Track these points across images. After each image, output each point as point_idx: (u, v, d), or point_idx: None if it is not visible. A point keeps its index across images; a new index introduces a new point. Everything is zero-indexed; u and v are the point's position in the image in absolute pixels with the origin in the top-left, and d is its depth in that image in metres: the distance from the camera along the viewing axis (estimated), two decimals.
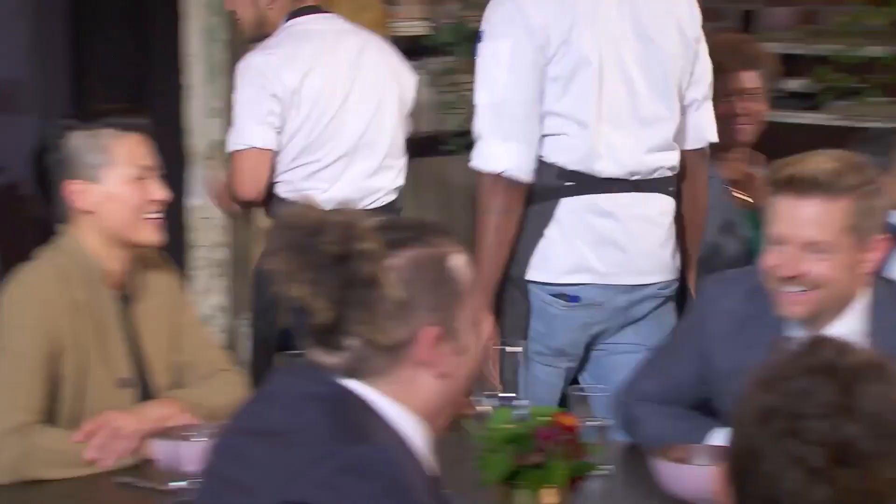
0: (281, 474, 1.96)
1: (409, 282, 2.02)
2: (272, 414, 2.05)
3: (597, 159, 3.48)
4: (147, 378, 3.20)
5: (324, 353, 2.03)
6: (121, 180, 3.14)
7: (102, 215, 3.14)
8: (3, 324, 3.08)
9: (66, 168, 3.14)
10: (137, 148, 3.16)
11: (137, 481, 2.91)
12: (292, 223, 2.02)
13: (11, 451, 2.94)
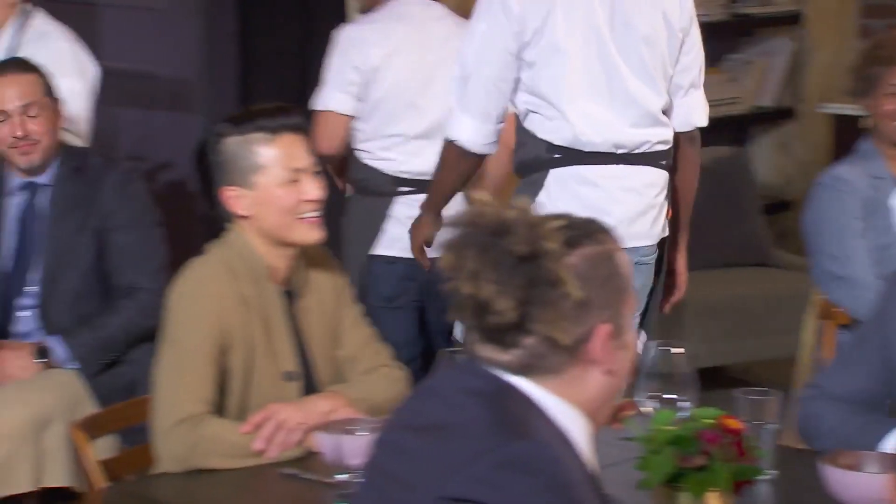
0: (440, 469, 1.95)
1: (586, 280, 2.01)
2: (432, 409, 2.04)
3: (579, 135, 3.74)
4: (311, 372, 3.23)
5: (496, 351, 2.02)
6: (274, 184, 3.15)
7: (258, 218, 3.16)
8: (174, 317, 3.12)
9: (223, 173, 3.17)
10: (290, 149, 3.16)
11: (302, 473, 2.93)
12: (476, 222, 2.01)
13: (182, 442, 2.98)
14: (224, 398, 3.12)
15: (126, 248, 4.04)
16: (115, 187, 4.06)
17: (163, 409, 3.05)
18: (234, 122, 3.19)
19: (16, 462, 3.85)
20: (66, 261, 4.05)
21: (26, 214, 4.12)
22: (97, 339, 4.02)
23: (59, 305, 4.06)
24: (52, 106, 4.08)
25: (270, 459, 3.00)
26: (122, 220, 4.04)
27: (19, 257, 4.11)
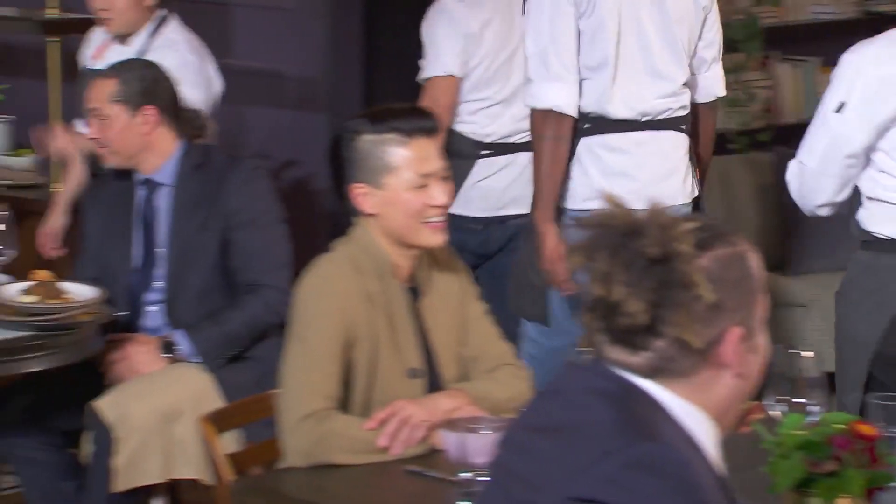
0: (567, 469, 1.93)
1: (718, 282, 1.97)
2: (558, 409, 2.02)
3: (609, 107, 4.07)
4: (435, 369, 3.22)
5: (626, 353, 1.99)
6: (402, 186, 3.14)
7: (384, 218, 3.16)
8: (301, 313, 3.13)
9: (354, 170, 3.16)
10: (422, 153, 3.15)
11: (426, 471, 2.92)
12: (608, 223, 1.99)
13: (308, 437, 2.99)
14: (348, 393, 3.12)
15: (250, 246, 4.05)
16: (239, 185, 4.07)
17: (289, 405, 3.05)
18: (370, 120, 3.18)
19: (147, 454, 3.89)
20: (189, 258, 4.08)
21: (146, 211, 4.15)
22: (221, 334, 4.04)
23: (184, 302, 4.09)
24: (118, 114, 4.08)
25: (394, 456, 3.00)
26: (246, 217, 4.05)
27: (146, 253, 4.14)
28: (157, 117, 4.08)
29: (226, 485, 3.07)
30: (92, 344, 3.90)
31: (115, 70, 4.15)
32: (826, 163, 3.51)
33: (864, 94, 3.48)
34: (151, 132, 4.09)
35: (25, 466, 4.07)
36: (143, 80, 4.10)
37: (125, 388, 3.97)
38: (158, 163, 4.12)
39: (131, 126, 4.07)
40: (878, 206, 3.53)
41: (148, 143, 4.09)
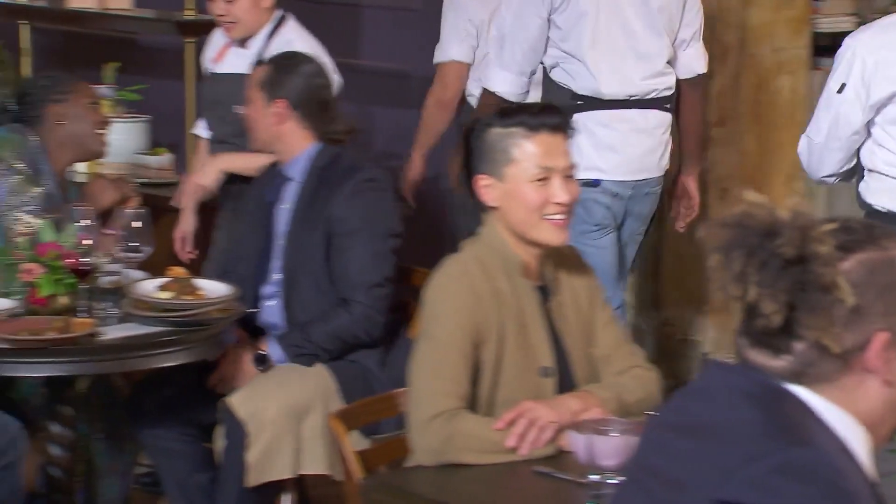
0: (713, 471, 1.88)
1: (862, 286, 1.91)
2: (703, 409, 1.97)
3: (599, 86, 4.42)
4: (566, 369, 3.19)
5: (767, 356, 1.95)
6: (522, 180, 3.12)
7: (505, 211, 3.14)
8: (430, 312, 3.12)
9: (480, 162, 3.15)
10: (546, 148, 3.12)
11: (555, 472, 2.89)
12: (745, 223, 1.94)
13: (436, 436, 2.97)
14: (475, 392, 3.10)
15: (346, 258, 4.04)
16: (348, 195, 4.06)
17: (418, 404, 3.04)
18: (499, 115, 3.18)
19: (278, 449, 3.91)
20: (302, 256, 4.09)
21: (272, 200, 4.17)
22: (311, 347, 4.04)
23: (299, 300, 4.09)
24: (257, 99, 4.15)
25: (522, 457, 2.97)
26: (347, 228, 4.04)
27: (266, 243, 4.17)
28: (287, 113, 4.11)
29: (355, 482, 3.07)
30: (225, 340, 3.92)
31: (278, 59, 4.24)
32: (830, 138, 3.86)
33: (862, 76, 3.81)
34: (280, 125, 4.12)
35: (162, 457, 4.11)
36: (288, 75, 4.14)
37: (257, 385, 3.99)
38: (290, 156, 4.15)
39: (263, 115, 4.14)
40: (876, 179, 3.84)
41: (278, 134, 4.13)
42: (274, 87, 4.13)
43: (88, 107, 4.26)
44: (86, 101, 4.26)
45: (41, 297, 3.72)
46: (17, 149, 4.14)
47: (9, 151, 4.13)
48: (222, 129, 4.83)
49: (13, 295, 3.75)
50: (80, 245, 3.77)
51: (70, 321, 3.64)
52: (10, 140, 4.17)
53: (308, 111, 4.14)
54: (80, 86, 4.29)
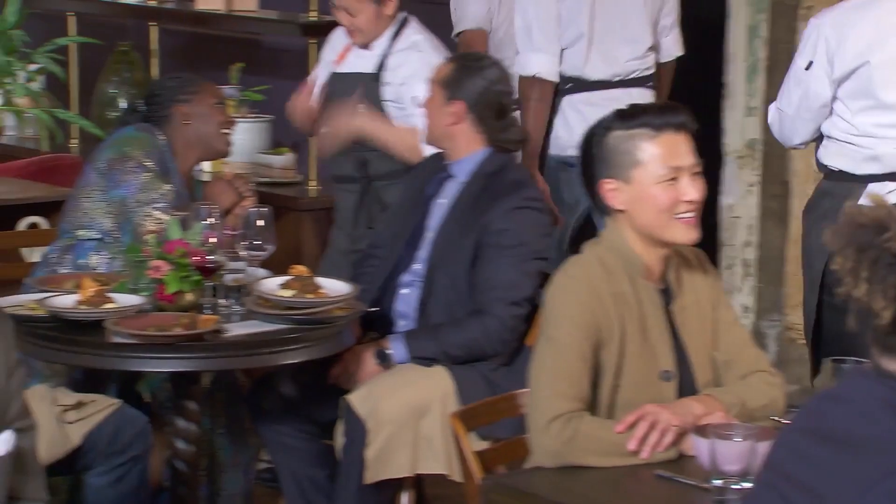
0: (851, 482, 1.84)
1: None
2: (841, 417, 1.92)
3: (587, 68, 4.83)
4: (687, 372, 3.14)
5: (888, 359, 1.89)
6: (651, 181, 3.07)
7: (633, 214, 3.09)
8: (551, 314, 3.09)
9: (603, 166, 3.11)
10: (672, 148, 3.07)
11: (677, 476, 2.85)
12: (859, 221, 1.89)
13: (557, 438, 2.95)
14: (595, 394, 3.07)
15: (491, 270, 4.00)
16: (508, 209, 4.02)
17: (539, 406, 3.01)
18: (620, 117, 3.13)
19: (396, 447, 3.90)
20: (447, 256, 4.08)
21: (431, 193, 4.17)
22: (436, 351, 4.02)
23: (434, 295, 4.08)
24: (437, 96, 4.14)
25: (643, 460, 2.93)
26: (499, 241, 4.00)
27: (414, 235, 4.16)
28: (463, 114, 4.10)
29: (475, 482, 3.05)
30: (345, 338, 3.93)
31: (461, 58, 4.25)
32: (801, 110, 4.22)
33: (826, 53, 4.14)
34: (454, 125, 4.11)
35: (281, 454, 4.13)
36: (470, 77, 4.12)
37: (377, 383, 3.99)
38: (459, 156, 4.14)
39: (439, 111, 4.14)
40: (833, 143, 4.22)
41: (451, 133, 4.13)
42: (455, 87, 4.12)
43: (214, 107, 4.28)
44: (211, 101, 4.28)
45: (168, 293, 3.74)
46: (146, 147, 4.18)
47: (139, 150, 4.16)
48: None
49: (141, 291, 3.78)
50: (205, 243, 3.79)
51: (196, 318, 3.67)
52: (140, 139, 4.21)
53: (484, 116, 4.13)
54: (205, 86, 4.32)
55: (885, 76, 4.09)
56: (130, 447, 3.81)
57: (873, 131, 4.12)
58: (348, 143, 4.78)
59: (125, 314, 3.66)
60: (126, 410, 3.86)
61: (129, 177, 4.12)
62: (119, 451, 3.81)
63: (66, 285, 3.87)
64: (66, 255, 4.17)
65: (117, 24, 7.11)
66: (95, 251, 4.14)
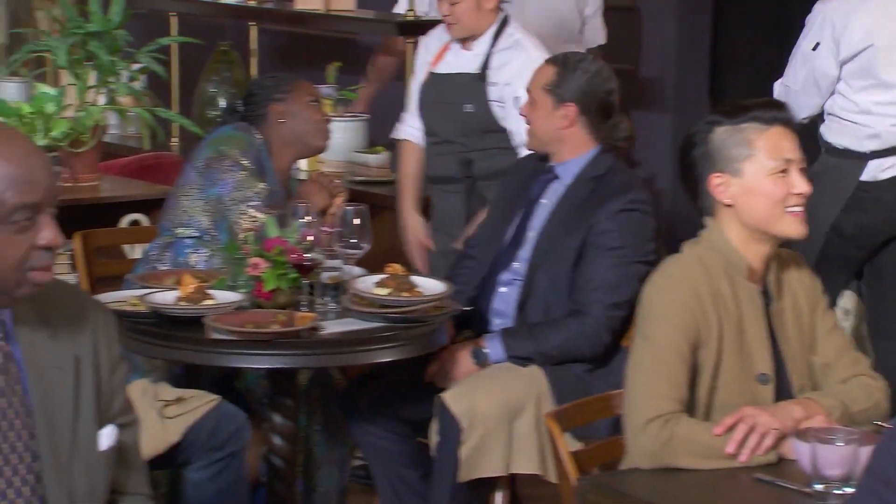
0: None
1: None
2: None
3: None
4: (784, 376, 3.09)
5: None
6: (762, 174, 3.04)
7: (743, 208, 3.05)
8: (648, 313, 3.05)
9: (710, 162, 3.08)
10: (780, 141, 3.05)
11: (777, 480, 2.80)
12: None
13: (654, 439, 2.91)
14: (691, 396, 3.02)
15: (594, 270, 3.95)
16: (616, 211, 3.97)
17: (636, 406, 2.97)
18: (726, 114, 3.10)
19: (490, 446, 3.87)
20: (549, 256, 4.03)
21: (535, 194, 4.13)
22: (533, 351, 3.97)
23: (534, 296, 4.04)
24: (545, 102, 4.08)
25: (742, 463, 2.88)
26: (605, 242, 3.95)
27: (517, 232, 4.12)
28: (576, 117, 4.06)
29: (571, 483, 3.01)
30: (440, 337, 3.90)
31: (562, 60, 4.16)
32: (807, 86, 4.54)
33: (832, 36, 4.45)
34: (567, 129, 4.07)
35: (374, 454, 4.11)
36: (577, 79, 4.07)
37: (471, 382, 3.96)
38: (567, 157, 4.10)
39: (550, 117, 4.08)
40: (834, 122, 4.54)
41: (562, 137, 4.09)
42: (563, 90, 4.06)
43: (309, 105, 4.28)
44: (306, 99, 4.28)
45: (266, 291, 3.74)
46: (243, 146, 4.18)
47: (236, 149, 4.17)
48: (448, 128, 4.81)
49: (240, 288, 3.78)
50: (302, 241, 3.78)
51: (292, 315, 3.66)
52: (237, 137, 4.21)
53: (594, 116, 4.08)
54: (300, 84, 4.31)
55: (886, 58, 4.47)
56: (229, 443, 3.82)
57: (872, 108, 4.50)
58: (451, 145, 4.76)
59: (224, 311, 3.66)
60: (225, 406, 3.86)
61: (225, 175, 4.12)
62: (218, 446, 3.81)
63: (166, 281, 3.88)
64: (165, 253, 4.19)
65: (217, 23, 7.15)
66: (194, 249, 4.16)
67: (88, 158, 5.23)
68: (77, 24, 5.21)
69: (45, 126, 5.04)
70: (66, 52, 5.17)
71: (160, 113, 5.29)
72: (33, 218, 2.37)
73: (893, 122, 4.51)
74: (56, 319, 2.49)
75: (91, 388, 2.51)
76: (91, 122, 5.17)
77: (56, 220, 2.40)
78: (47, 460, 2.44)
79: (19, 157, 2.36)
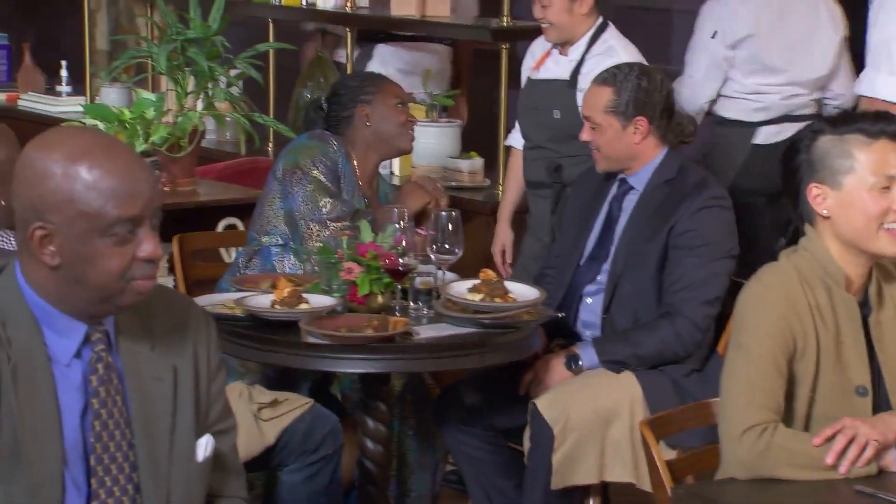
0: None
1: None
2: None
3: None
4: (882, 388, 3.01)
5: None
6: (862, 189, 2.95)
7: (839, 221, 2.98)
8: (744, 322, 2.98)
9: (811, 170, 3.00)
10: (886, 156, 2.96)
11: (878, 492, 2.73)
12: None
13: (750, 449, 2.84)
14: (789, 407, 2.96)
15: (682, 271, 3.91)
16: (694, 210, 3.93)
17: (732, 415, 2.91)
18: (831, 123, 3.02)
19: (584, 454, 3.82)
20: (632, 263, 3.98)
21: (612, 208, 4.10)
22: (628, 353, 3.93)
23: (620, 304, 4.00)
24: (611, 123, 4.03)
25: (841, 475, 2.80)
26: (689, 242, 3.92)
27: (598, 246, 4.07)
28: (647, 128, 4.02)
29: (666, 492, 2.95)
30: (532, 343, 3.85)
31: (612, 78, 4.09)
32: (711, 71, 4.92)
33: (728, 23, 4.87)
34: (641, 142, 4.03)
35: (466, 461, 4.08)
36: (636, 91, 4.03)
37: (564, 388, 3.91)
38: (638, 167, 4.06)
39: (622, 136, 4.04)
40: (726, 100, 4.97)
41: (635, 152, 4.05)
42: (627, 107, 4.02)
43: (394, 107, 4.25)
44: (392, 101, 4.25)
45: (360, 295, 3.71)
46: (315, 155, 4.15)
47: (308, 158, 4.14)
48: (538, 134, 4.78)
49: (334, 293, 3.76)
50: (396, 246, 3.75)
51: (386, 320, 3.64)
52: (310, 147, 4.19)
53: (662, 122, 4.05)
54: (386, 86, 4.29)
55: (767, 44, 4.87)
56: (322, 446, 3.80)
57: (761, 89, 4.91)
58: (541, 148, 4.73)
59: (319, 315, 3.64)
60: (318, 410, 3.85)
61: (296, 188, 4.12)
62: (312, 449, 3.79)
63: (262, 285, 3.87)
64: (252, 260, 4.18)
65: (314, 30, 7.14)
66: (280, 257, 4.14)
67: (186, 163, 5.24)
68: (177, 31, 5.23)
69: (145, 131, 5.06)
70: (165, 58, 5.18)
71: (257, 118, 5.29)
72: (134, 230, 2.36)
73: (781, 97, 4.94)
74: (157, 329, 2.49)
75: (190, 398, 2.50)
76: (189, 127, 5.18)
77: (157, 231, 2.39)
78: (145, 471, 2.44)
79: (121, 170, 2.36)
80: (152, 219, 2.39)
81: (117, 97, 6.54)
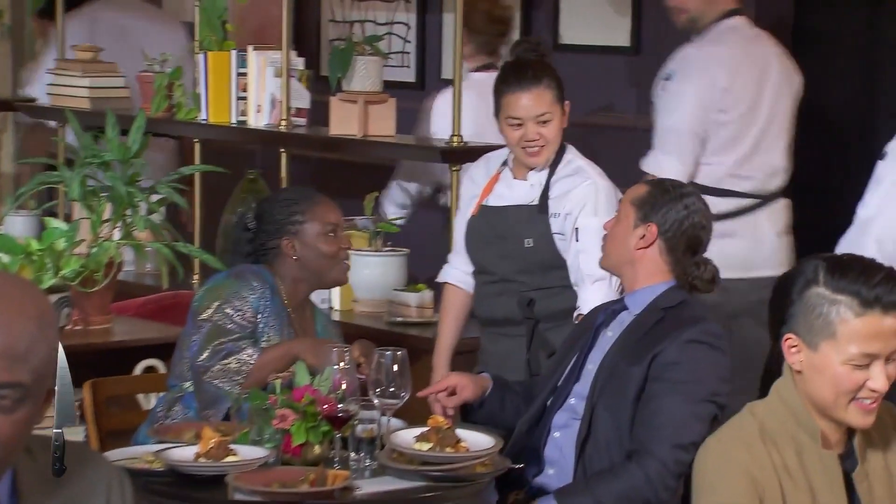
0: None
1: None
2: None
3: None
4: None
5: None
6: (837, 359, 2.95)
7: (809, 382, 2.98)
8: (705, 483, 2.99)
9: (793, 319, 3.00)
10: (875, 331, 2.93)
11: None
12: None
13: None
14: None
15: (658, 405, 3.85)
16: (686, 342, 3.90)
17: None
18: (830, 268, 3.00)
19: None
20: (610, 389, 3.92)
21: (599, 328, 4.08)
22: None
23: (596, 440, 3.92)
24: (626, 217, 4.07)
25: None
26: (675, 375, 3.86)
27: (575, 366, 4.05)
28: (653, 239, 4.03)
29: None
30: (487, 499, 3.86)
31: (659, 183, 4.15)
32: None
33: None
34: (642, 249, 4.02)
35: None
36: (668, 202, 4.02)
37: None
38: (637, 286, 4.05)
39: (630, 234, 4.03)
40: None
41: (635, 258, 4.03)
42: (649, 209, 4.03)
43: (324, 237, 4.30)
44: (322, 228, 4.32)
45: (295, 446, 3.72)
46: (224, 297, 4.22)
47: (216, 301, 4.20)
48: (505, 266, 4.74)
49: (266, 443, 3.76)
50: (335, 390, 3.76)
51: (324, 473, 3.64)
52: (221, 287, 4.26)
53: (675, 246, 4.03)
54: (317, 211, 4.35)
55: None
56: None
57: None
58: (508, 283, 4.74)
59: (248, 468, 3.64)
60: None
61: (194, 335, 4.18)
62: None
63: (185, 435, 3.87)
64: (173, 408, 4.19)
65: (244, 150, 7.20)
66: None
67: (101, 298, 5.25)
68: (92, 153, 5.26)
69: (55, 264, 5.06)
70: (79, 184, 5.21)
71: (181, 248, 5.31)
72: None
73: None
74: (62, 493, 2.46)
75: None
76: (105, 259, 5.20)
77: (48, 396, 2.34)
78: None
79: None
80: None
81: (24, 226, 6.54)
